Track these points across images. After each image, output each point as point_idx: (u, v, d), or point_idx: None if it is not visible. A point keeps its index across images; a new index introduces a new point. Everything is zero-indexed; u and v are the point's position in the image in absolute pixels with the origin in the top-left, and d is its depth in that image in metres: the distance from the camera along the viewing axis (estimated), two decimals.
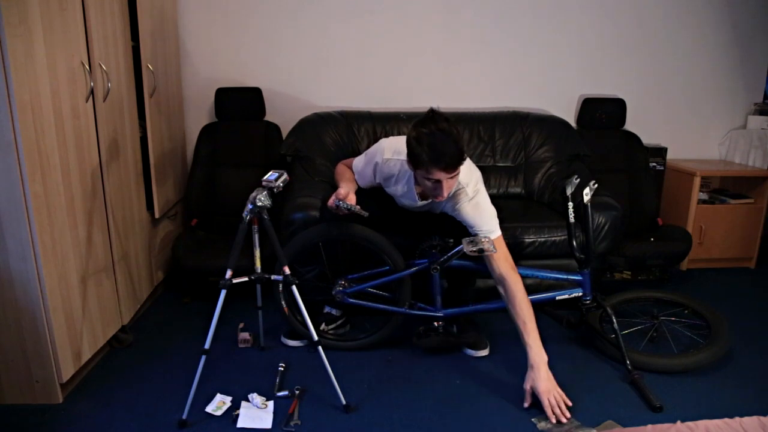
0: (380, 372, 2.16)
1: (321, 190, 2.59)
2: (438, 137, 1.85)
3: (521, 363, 2.22)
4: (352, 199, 2.07)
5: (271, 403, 1.93)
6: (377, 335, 2.29)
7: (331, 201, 2.06)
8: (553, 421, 1.87)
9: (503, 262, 2.06)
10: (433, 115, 1.92)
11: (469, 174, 2.12)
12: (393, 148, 2.14)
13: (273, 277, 2.04)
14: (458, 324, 2.38)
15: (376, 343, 2.29)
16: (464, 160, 1.94)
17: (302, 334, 2.30)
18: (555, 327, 2.53)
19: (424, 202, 2.20)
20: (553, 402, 1.90)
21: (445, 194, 1.95)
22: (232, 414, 1.88)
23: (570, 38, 3.30)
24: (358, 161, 2.30)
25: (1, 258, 1.74)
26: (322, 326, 2.35)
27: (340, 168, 2.35)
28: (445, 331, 2.25)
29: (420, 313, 2.25)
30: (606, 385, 2.09)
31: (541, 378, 1.94)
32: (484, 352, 2.29)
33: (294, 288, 1.94)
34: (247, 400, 1.94)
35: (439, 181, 1.92)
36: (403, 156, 2.02)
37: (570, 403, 1.92)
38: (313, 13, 3.14)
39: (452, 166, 1.88)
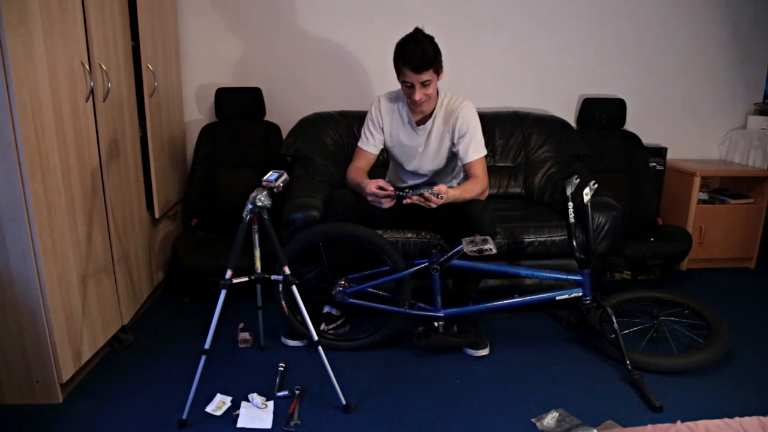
0: (380, 372, 2.16)
1: (321, 190, 2.59)
2: (406, 40, 2.15)
3: (521, 363, 2.23)
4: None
5: (271, 403, 1.93)
6: (377, 335, 2.29)
7: (386, 202, 2.15)
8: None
9: (480, 169, 2.30)
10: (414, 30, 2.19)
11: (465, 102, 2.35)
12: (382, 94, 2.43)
13: (273, 277, 2.04)
14: (458, 324, 2.38)
15: (376, 343, 2.29)
16: (432, 62, 2.13)
17: (302, 334, 2.30)
18: (555, 327, 2.53)
19: (423, 127, 2.35)
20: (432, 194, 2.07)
21: (417, 97, 2.16)
22: (232, 414, 1.88)
23: (570, 38, 3.30)
24: (360, 142, 2.45)
25: (1, 258, 1.74)
26: (322, 326, 2.35)
27: (352, 174, 2.37)
28: (445, 331, 2.25)
29: (420, 313, 2.25)
30: (606, 385, 2.08)
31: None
32: (484, 352, 2.29)
33: (294, 288, 1.94)
34: (247, 400, 1.94)
35: (412, 86, 2.16)
36: (391, 89, 2.39)
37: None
38: (313, 13, 3.14)
39: (418, 65, 2.10)
